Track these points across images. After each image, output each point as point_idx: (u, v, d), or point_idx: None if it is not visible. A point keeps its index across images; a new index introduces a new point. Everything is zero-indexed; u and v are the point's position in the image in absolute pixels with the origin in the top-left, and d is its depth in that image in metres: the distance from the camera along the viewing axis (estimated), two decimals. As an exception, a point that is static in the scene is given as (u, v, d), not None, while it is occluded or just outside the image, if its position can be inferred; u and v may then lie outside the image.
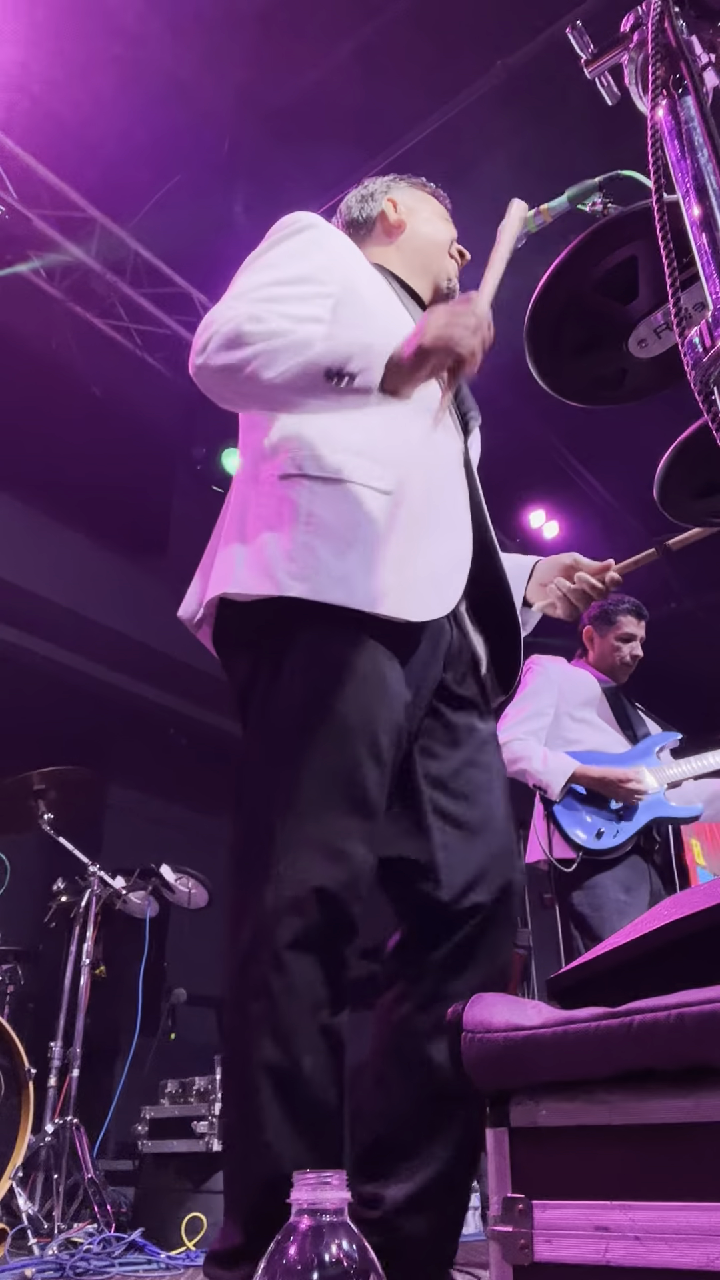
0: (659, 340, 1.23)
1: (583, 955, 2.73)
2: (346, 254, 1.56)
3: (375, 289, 1.55)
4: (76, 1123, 2.81)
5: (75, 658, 5.48)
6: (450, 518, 1.45)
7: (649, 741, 2.93)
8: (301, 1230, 0.72)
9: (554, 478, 6.18)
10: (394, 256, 1.72)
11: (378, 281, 1.58)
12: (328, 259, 1.50)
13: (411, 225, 1.73)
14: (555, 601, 1.67)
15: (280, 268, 1.46)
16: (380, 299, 1.54)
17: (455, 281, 1.74)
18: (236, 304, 1.36)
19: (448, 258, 1.74)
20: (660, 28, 0.95)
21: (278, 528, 1.34)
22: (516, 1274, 0.81)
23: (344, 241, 1.60)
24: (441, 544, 1.41)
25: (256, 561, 1.33)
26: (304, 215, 1.55)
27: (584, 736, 2.90)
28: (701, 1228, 0.73)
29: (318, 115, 4.14)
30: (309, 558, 1.30)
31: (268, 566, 1.31)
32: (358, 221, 1.77)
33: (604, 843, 2.68)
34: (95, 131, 4.13)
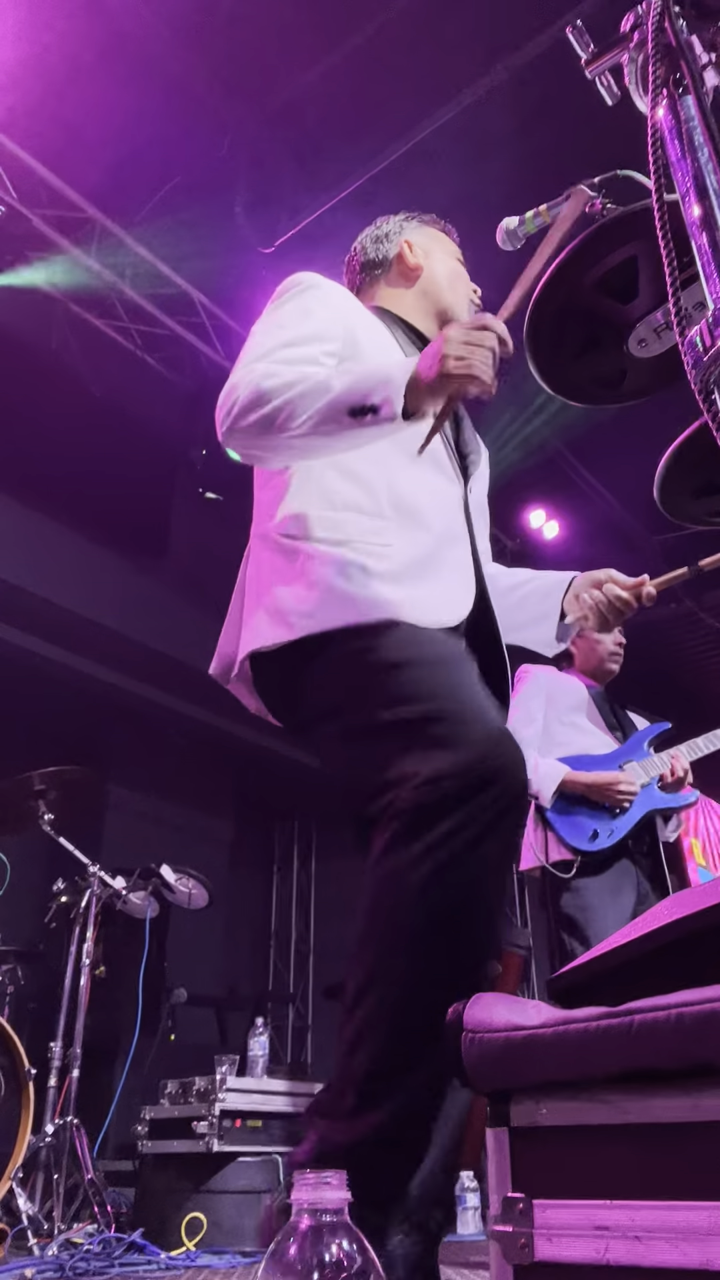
0: (659, 340, 1.23)
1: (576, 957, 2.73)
2: (346, 308, 1.60)
3: (373, 336, 1.59)
4: (76, 1123, 2.81)
5: (75, 658, 5.48)
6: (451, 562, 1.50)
7: (638, 736, 2.95)
8: (301, 1230, 0.72)
9: (554, 478, 6.18)
10: (409, 300, 1.75)
11: (377, 329, 1.62)
12: (331, 314, 1.55)
13: (429, 269, 1.77)
14: (588, 614, 1.70)
15: (289, 328, 1.50)
16: (377, 347, 1.58)
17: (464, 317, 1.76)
18: (254, 366, 1.41)
19: (465, 301, 1.77)
20: (660, 27, 0.95)
21: (288, 579, 1.42)
22: (517, 1273, 0.81)
23: (343, 295, 1.64)
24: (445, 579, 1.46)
25: (275, 614, 1.41)
26: (306, 275, 1.62)
27: (573, 740, 2.92)
28: (701, 1228, 0.73)
29: (318, 115, 4.14)
30: (315, 595, 1.38)
31: (284, 615, 1.40)
32: (374, 262, 1.80)
33: (600, 843, 2.69)
34: (95, 131, 4.13)
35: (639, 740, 2.92)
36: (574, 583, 1.76)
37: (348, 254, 1.86)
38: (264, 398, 1.34)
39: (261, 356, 1.44)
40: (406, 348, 1.65)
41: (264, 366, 1.40)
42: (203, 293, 4.83)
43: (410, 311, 1.75)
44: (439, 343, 1.27)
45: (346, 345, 1.52)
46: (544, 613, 1.75)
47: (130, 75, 3.95)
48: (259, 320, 1.58)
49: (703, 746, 2.95)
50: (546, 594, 1.75)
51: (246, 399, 1.36)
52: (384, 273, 1.79)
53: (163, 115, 4.11)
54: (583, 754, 2.86)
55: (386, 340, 1.62)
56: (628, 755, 2.87)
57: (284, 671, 1.43)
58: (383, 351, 1.59)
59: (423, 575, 1.44)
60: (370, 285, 1.80)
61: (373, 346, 1.57)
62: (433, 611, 1.40)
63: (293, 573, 1.42)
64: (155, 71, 3.96)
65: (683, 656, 8.70)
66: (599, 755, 2.86)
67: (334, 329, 1.52)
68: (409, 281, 1.77)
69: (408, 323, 1.73)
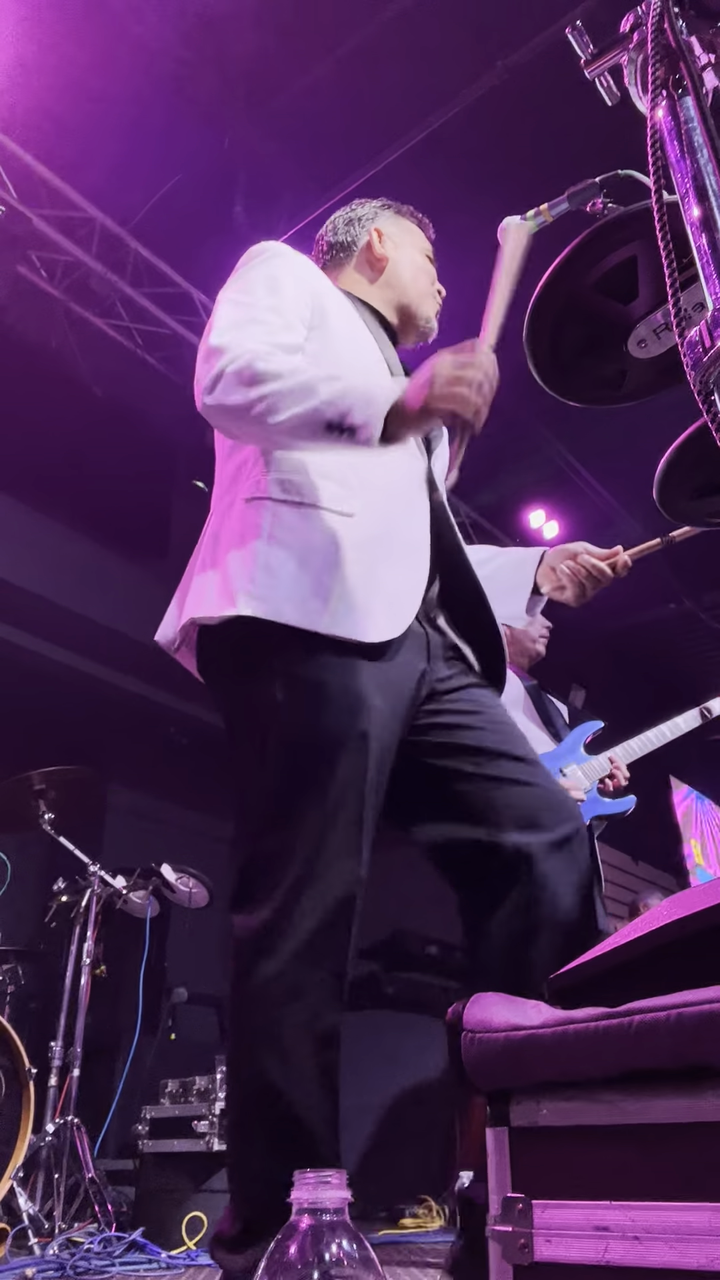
0: (659, 340, 1.23)
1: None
2: (312, 280, 1.58)
3: (343, 317, 1.58)
4: (77, 1122, 2.81)
5: (75, 658, 5.47)
6: (408, 539, 1.48)
7: (573, 737, 2.85)
8: (301, 1230, 0.72)
9: (554, 478, 6.18)
10: (372, 290, 1.74)
11: (346, 308, 1.61)
12: (295, 283, 1.53)
13: (394, 261, 1.75)
14: (564, 584, 1.69)
15: (257, 294, 1.49)
16: (347, 327, 1.57)
17: (433, 322, 1.76)
18: (236, 339, 1.38)
19: (428, 299, 1.75)
20: (660, 28, 0.95)
21: (242, 550, 1.38)
22: (516, 1273, 0.81)
23: (309, 267, 1.62)
24: (398, 565, 1.43)
25: (222, 584, 1.37)
26: (270, 244, 1.60)
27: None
28: (701, 1228, 0.73)
29: (318, 115, 4.14)
30: (267, 579, 1.34)
31: (230, 588, 1.36)
32: (341, 244, 1.78)
33: None
34: (95, 131, 4.13)
35: (575, 741, 2.83)
36: (546, 556, 1.76)
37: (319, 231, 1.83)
38: (250, 380, 1.32)
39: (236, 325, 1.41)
40: (375, 331, 1.64)
41: (252, 344, 1.37)
42: (203, 293, 4.82)
43: (375, 300, 1.73)
44: (428, 371, 1.25)
45: (315, 315, 1.51)
46: (515, 585, 1.74)
47: (130, 75, 3.94)
48: (228, 283, 1.55)
49: (636, 749, 2.90)
50: (516, 567, 1.74)
51: (232, 377, 1.33)
52: (349, 257, 1.76)
53: (163, 115, 4.10)
54: None
55: (355, 321, 1.60)
56: (567, 757, 2.78)
57: (224, 648, 1.40)
58: (352, 328, 1.58)
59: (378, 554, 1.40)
60: (335, 267, 1.77)
61: (341, 323, 1.55)
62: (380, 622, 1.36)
63: (248, 540, 1.38)
64: (155, 71, 3.96)
65: (683, 656, 8.70)
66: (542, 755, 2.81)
67: (299, 299, 1.50)
68: (374, 271, 1.74)
69: (374, 308, 1.71)
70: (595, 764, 2.79)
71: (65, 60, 3.84)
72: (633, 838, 7.66)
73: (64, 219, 4.41)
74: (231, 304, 1.48)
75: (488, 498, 6.22)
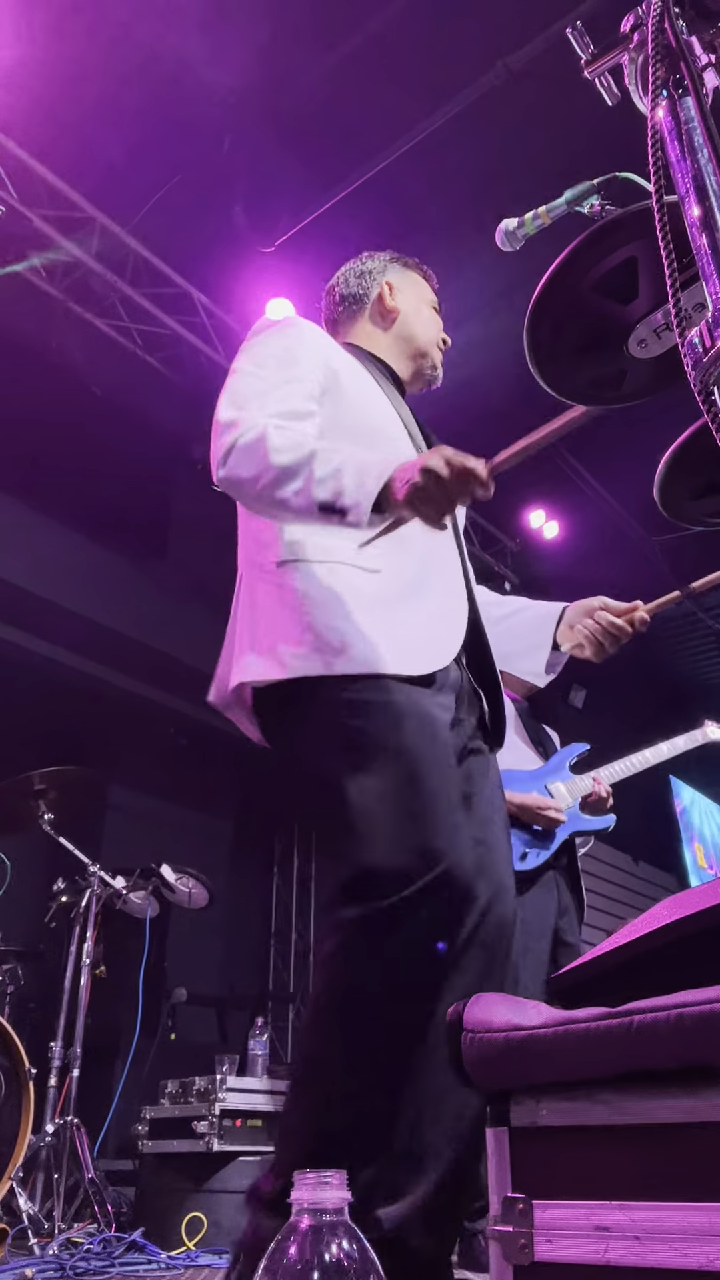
0: (659, 341, 1.23)
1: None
2: (323, 345, 1.63)
3: (354, 377, 1.63)
4: (77, 1123, 2.81)
5: (75, 658, 5.47)
6: (443, 582, 1.52)
7: (560, 756, 2.93)
8: (301, 1230, 0.72)
9: (554, 478, 6.18)
10: (383, 340, 1.79)
11: (356, 369, 1.65)
12: (308, 354, 1.57)
13: (404, 313, 1.80)
14: (583, 642, 1.71)
15: (270, 367, 1.53)
16: (359, 387, 1.62)
17: (439, 370, 1.79)
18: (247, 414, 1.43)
19: (435, 349, 1.79)
20: (660, 28, 0.95)
21: (281, 613, 1.43)
22: (516, 1274, 0.81)
23: (319, 334, 1.67)
24: (435, 604, 1.48)
25: (267, 648, 1.42)
26: (283, 316, 1.67)
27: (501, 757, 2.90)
28: (701, 1228, 0.73)
29: (317, 115, 4.14)
30: (310, 639, 1.39)
31: (276, 652, 1.41)
32: (354, 296, 1.83)
33: (528, 863, 2.67)
34: (95, 131, 4.13)
35: (561, 760, 2.91)
36: (566, 613, 1.77)
37: (328, 282, 1.89)
38: (261, 455, 1.36)
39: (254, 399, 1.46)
40: (385, 386, 1.69)
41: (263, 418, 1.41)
42: (203, 293, 4.83)
43: (385, 351, 1.79)
44: (421, 461, 1.28)
45: (328, 380, 1.56)
46: (537, 644, 1.77)
47: (130, 75, 3.94)
48: (240, 354, 1.60)
49: (620, 771, 2.95)
50: (539, 625, 1.77)
51: (243, 450, 1.38)
52: (361, 310, 1.82)
53: (163, 115, 4.10)
54: (511, 770, 2.80)
55: (366, 380, 1.65)
56: (551, 775, 2.85)
57: (280, 708, 1.45)
58: (365, 387, 1.63)
59: (412, 601, 1.45)
60: (348, 320, 1.83)
61: (352, 384, 1.61)
62: (426, 653, 1.41)
63: (284, 603, 1.44)
64: (155, 71, 3.96)
65: (683, 657, 8.71)
66: (526, 772, 2.84)
67: (316, 369, 1.55)
68: (386, 323, 1.80)
69: (384, 362, 1.77)
70: (579, 782, 2.86)
71: (65, 60, 3.84)
72: (633, 839, 7.67)
73: (64, 219, 4.41)
74: (244, 376, 1.53)
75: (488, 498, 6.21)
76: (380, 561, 1.46)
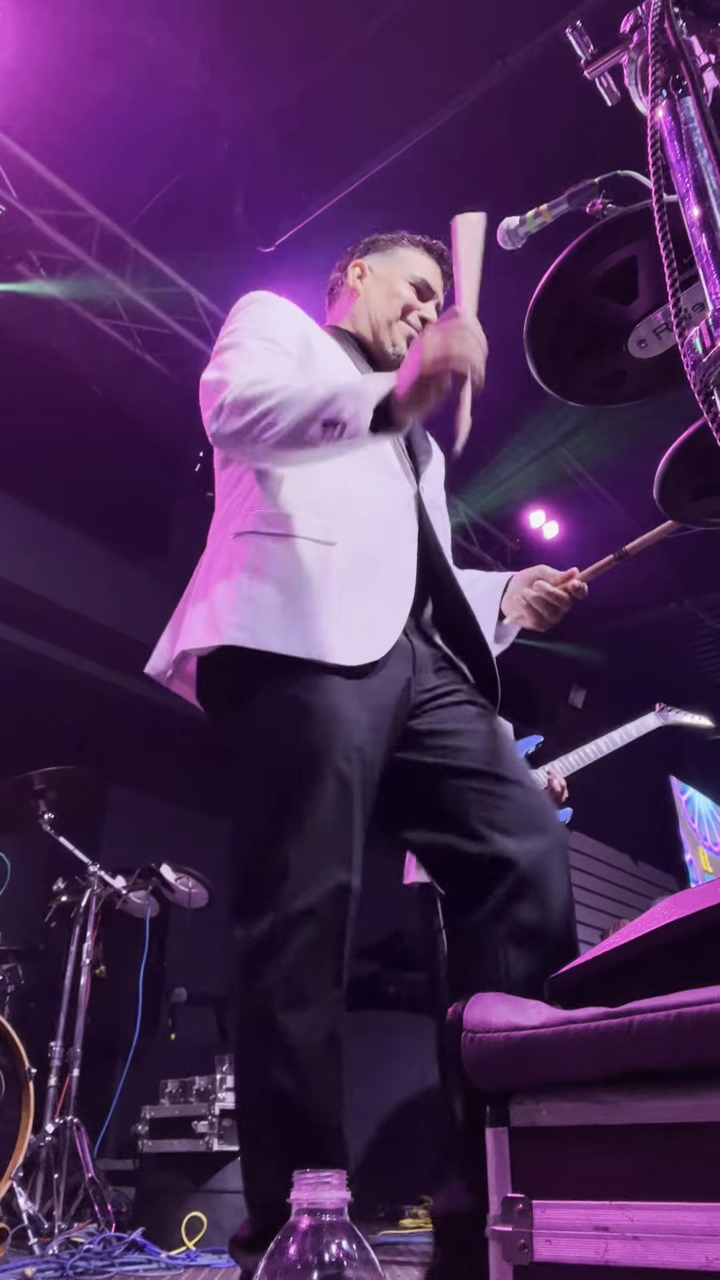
0: (659, 341, 1.23)
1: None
2: (297, 320, 1.67)
3: (329, 352, 1.66)
4: (77, 1122, 2.81)
5: (75, 658, 5.47)
6: (393, 565, 1.53)
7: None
8: (301, 1230, 0.72)
9: (554, 478, 6.18)
10: (347, 321, 1.83)
11: (331, 344, 1.69)
12: (281, 321, 1.62)
13: (364, 293, 1.82)
14: (523, 613, 1.71)
15: (248, 334, 1.57)
16: (333, 361, 1.65)
17: (401, 348, 1.78)
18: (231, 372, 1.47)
19: (394, 326, 1.78)
20: (660, 28, 0.95)
21: (228, 582, 1.45)
22: (516, 1274, 0.81)
23: (293, 310, 1.70)
24: (381, 590, 1.48)
25: (209, 616, 1.44)
26: (257, 292, 1.71)
27: None
28: (701, 1228, 0.73)
29: (317, 115, 4.14)
30: (250, 609, 1.40)
31: (216, 619, 1.42)
32: (333, 281, 1.89)
33: None
34: (95, 131, 4.13)
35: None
36: (510, 584, 1.77)
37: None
38: (247, 404, 1.39)
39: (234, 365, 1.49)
40: (359, 362, 1.72)
41: (248, 374, 1.44)
42: (203, 293, 4.82)
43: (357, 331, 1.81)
44: (416, 348, 1.30)
45: (302, 352, 1.60)
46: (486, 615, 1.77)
47: (130, 75, 3.94)
48: (222, 330, 1.64)
49: (574, 763, 2.93)
50: (486, 596, 1.78)
51: (231, 403, 1.41)
52: (336, 294, 1.87)
53: (163, 115, 4.10)
54: None
55: (340, 355, 1.68)
56: None
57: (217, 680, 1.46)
58: (336, 360, 1.66)
59: (361, 578, 1.45)
60: (331, 305, 1.89)
61: (326, 357, 1.64)
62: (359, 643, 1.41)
63: (233, 573, 1.45)
64: (155, 71, 3.96)
65: (683, 657, 8.70)
66: None
67: (291, 340, 1.59)
68: (349, 303, 1.84)
69: (359, 339, 1.79)
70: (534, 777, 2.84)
71: (65, 60, 3.84)
72: (633, 838, 7.66)
73: (64, 219, 4.41)
74: (227, 345, 1.57)
75: (488, 498, 6.22)
76: (336, 533, 1.47)
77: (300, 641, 1.37)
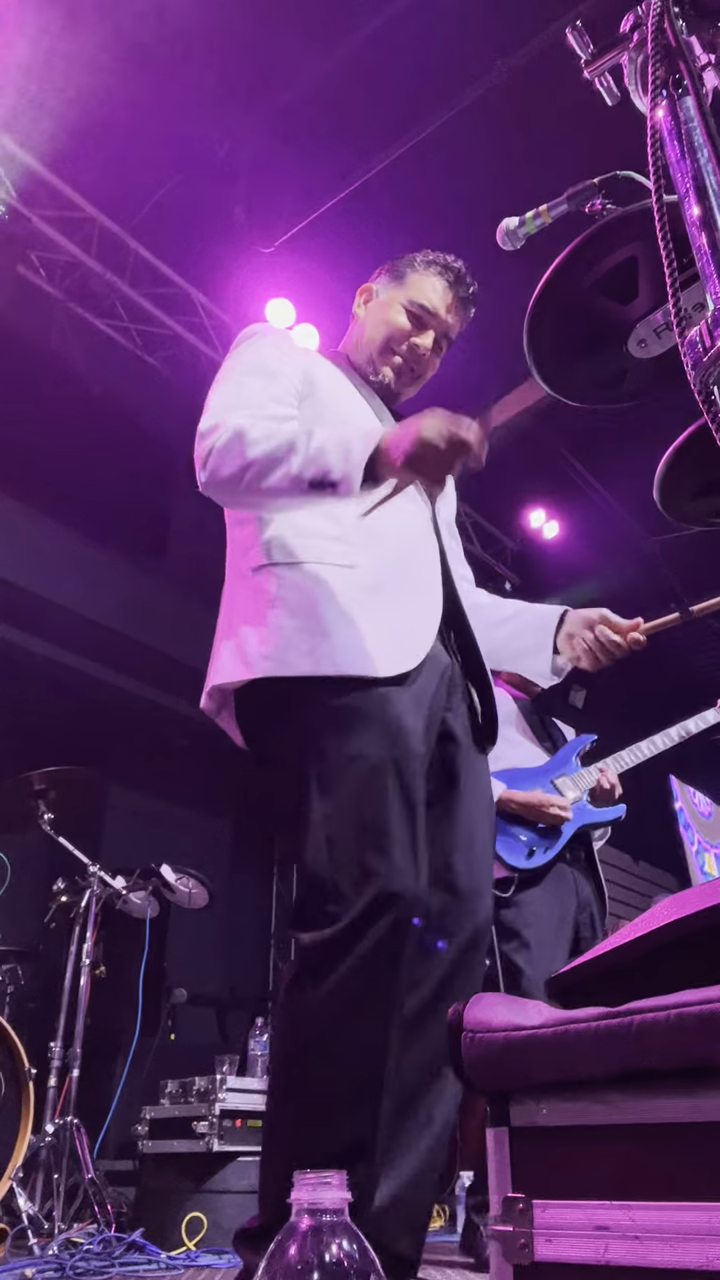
0: (659, 340, 1.23)
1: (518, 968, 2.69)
2: (298, 355, 1.67)
3: (331, 383, 1.66)
4: (77, 1123, 2.81)
5: (75, 658, 5.47)
6: (419, 579, 1.54)
7: (566, 749, 2.91)
8: (301, 1230, 0.72)
9: (554, 478, 6.18)
10: (350, 347, 1.83)
11: (334, 375, 1.69)
12: (281, 359, 1.62)
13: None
14: (580, 655, 1.72)
15: (247, 376, 1.57)
16: (336, 392, 1.65)
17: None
18: (224, 418, 1.45)
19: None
20: (660, 28, 0.95)
21: (253, 617, 1.46)
22: (516, 1273, 0.81)
23: (291, 343, 1.72)
24: (408, 604, 1.50)
25: (238, 651, 1.46)
26: (257, 325, 1.73)
27: (504, 753, 2.81)
28: (701, 1228, 0.73)
29: (317, 115, 4.14)
30: (277, 639, 1.42)
31: (245, 654, 1.44)
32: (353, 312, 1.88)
33: (535, 860, 2.65)
34: (95, 131, 4.13)
35: (568, 753, 2.89)
36: (566, 619, 1.77)
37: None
38: (237, 452, 1.39)
39: (229, 407, 1.49)
40: (364, 390, 1.72)
41: (238, 419, 1.43)
42: (203, 293, 4.82)
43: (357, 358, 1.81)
44: (415, 427, 1.29)
45: (306, 386, 1.60)
46: (537, 646, 1.78)
47: (130, 75, 3.94)
48: (221, 368, 1.64)
49: (628, 759, 2.93)
50: (538, 629, 1.78)
51: (221, 451, 1.41)
52: (351, 320, 1.87)
53: (163, 115, 4.10)
54: (515, 767, 2.81)
55: (345, 389, 1.68)
56: (558, 769, 2.83)
57: (253, 711, 1.48)
58: (339, 390, 1.66)
59: (385, 596, 1.46)
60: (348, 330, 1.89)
61: (329, 389, 1.64)
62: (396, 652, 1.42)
63: (257, 606, 1.46)
64: (155, 71, 3.96)
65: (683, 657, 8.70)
66: (531, 769, 2.82)
67: (293, 378, 1.59)
68: (351, 329, 1.85)
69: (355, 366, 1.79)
70: (586, 775, 2.84)
71: (65, 60, 3.84)
72: (633, 838, 7.66)
73: (64, 219, 4.41)
74: (223, 386, 1.57)
75: (488, 498, 6.22)
76: (355, 556, 1.48)
77: (328, 660, 1.38)
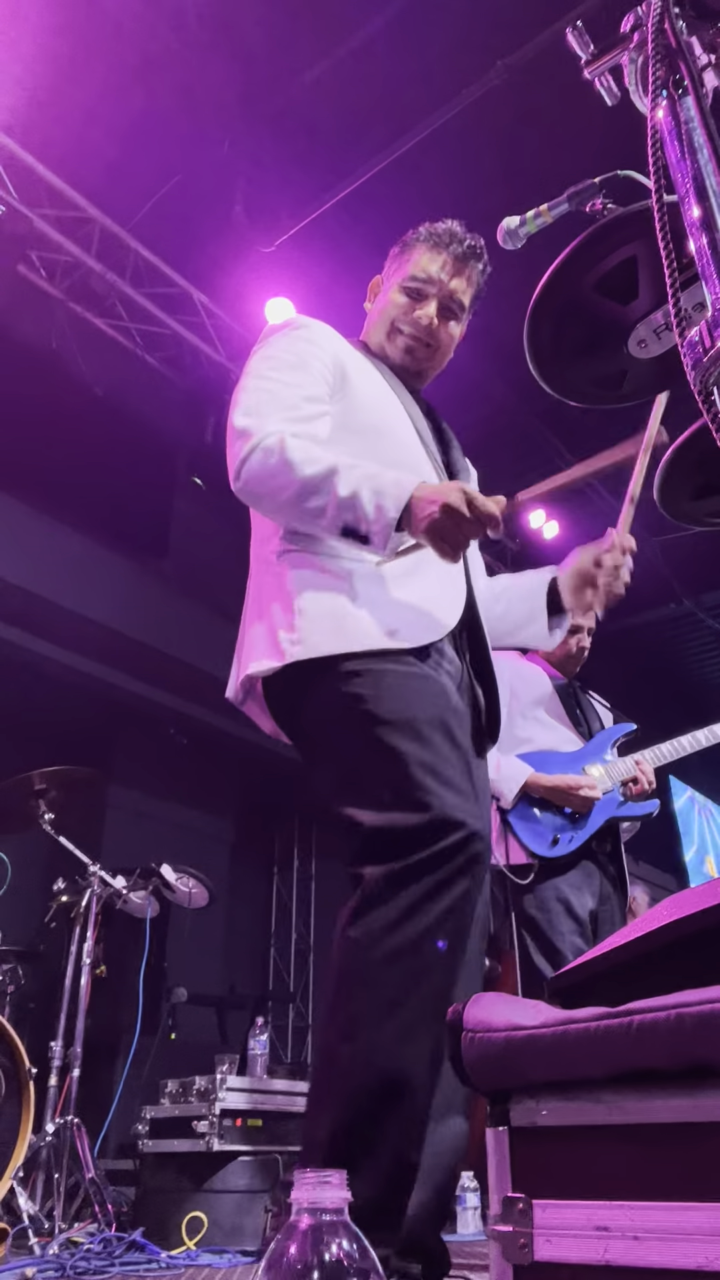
0: (659, 341, 1.23)
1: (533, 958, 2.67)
2: (332, 346, 1.66)
3: (362, 375, 1.66)
4: (77, 1122, 2.81)
5: (75, 658, 5.47)
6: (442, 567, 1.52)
7: (602, 737, 2.84)
8: (301, 1230, 0.72)
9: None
10: (369, 336, 1.83)
11: (364, 366, 1.69)
12: (316, 354, 1.61)
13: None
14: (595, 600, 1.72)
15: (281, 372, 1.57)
16: (367, 385, 1.66)
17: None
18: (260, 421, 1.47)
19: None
20: (660, 28, 0.94)
21: (280, 601, 1.49)
22: (516, 1273, 0.81)
23: (328, 335, 1.69)
24: (433, 583, 1.51)
25: (268, 638, 1.47)
26: (294, 317, 1.71)
27: (535, 735, 2.81)
28: (701, 1228, 0.73)
29: (317, 115, 4.14)
30: (305, 623, 1.44)
31: (275, 640, 1.46)
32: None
33: (559, 849, 2.61)
34: (95, 131, 4.14)
35: (603, 741, 2.82)
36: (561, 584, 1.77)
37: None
38: (277, 469, 1.41)
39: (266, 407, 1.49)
40: (391, 381, 1.72)
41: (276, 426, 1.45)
42: (203, 293, 4.83)
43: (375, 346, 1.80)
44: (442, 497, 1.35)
45: (337, 380, 1.60)
46: (531, 613, 1.79)
47: (131, 75, 3.95)
48: (251, 358, 1.63)
49: (667, 753, 2.88)
50: (527, 595, 1.79)
51: (259, 463, 1.43)
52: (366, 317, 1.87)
53: (163, 115, 4.11)
54: (546, 751, 2.75)
55: (374, 379, 1.69)
56: (591, 757, 2.77)
57: (286, 693, 1.49)
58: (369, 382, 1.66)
59: (408, 580, 1.48)
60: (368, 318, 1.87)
61: (361, 382, 1.64)
62: (420, 626, 1.45)
63: (285, 592, 1.48)
64: (156, 71, 3.96)
65: (683, 656, 8.71)
66: (562, 754, 2.76)
67: (325, 369, 1.59)
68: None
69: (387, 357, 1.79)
70: (620, 766, 2.78)
71: (66, 61, 3.84)
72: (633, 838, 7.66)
73: (64, 219, 4.42)
74: (255, 380, 1.56)
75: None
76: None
77: (358, 638, 1.41)
